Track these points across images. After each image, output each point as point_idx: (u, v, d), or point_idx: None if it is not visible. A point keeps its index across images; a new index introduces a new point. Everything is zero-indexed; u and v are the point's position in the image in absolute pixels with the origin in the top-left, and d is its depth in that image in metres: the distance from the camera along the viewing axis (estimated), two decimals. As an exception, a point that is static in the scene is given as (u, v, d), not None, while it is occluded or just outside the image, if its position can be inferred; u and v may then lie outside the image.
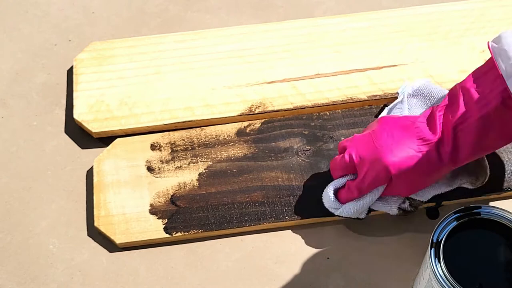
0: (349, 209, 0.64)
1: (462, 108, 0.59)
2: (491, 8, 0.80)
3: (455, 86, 0.62)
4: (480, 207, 0.55)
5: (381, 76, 0.75)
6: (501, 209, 0.55)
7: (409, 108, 0.69)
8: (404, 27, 0.79)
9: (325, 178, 0.68)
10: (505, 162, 0.69)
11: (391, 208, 0.65)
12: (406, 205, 0.65)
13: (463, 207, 0.56)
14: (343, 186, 0.65)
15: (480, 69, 0.60)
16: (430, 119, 0.61)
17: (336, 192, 0.65)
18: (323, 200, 0.65)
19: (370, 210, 0.65)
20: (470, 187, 0.66)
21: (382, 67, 0.76)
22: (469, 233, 0.55)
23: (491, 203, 0.67)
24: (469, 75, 0.61)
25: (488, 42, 0.59)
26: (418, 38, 0.78)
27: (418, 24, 0.79)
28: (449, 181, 0.66)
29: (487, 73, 0.59)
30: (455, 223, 0.55)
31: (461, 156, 0.60)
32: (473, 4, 0.81)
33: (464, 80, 0.61)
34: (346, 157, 0.63)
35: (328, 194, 0.65)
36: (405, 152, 0.60)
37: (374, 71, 0.76)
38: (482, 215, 0.55)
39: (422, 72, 0.75)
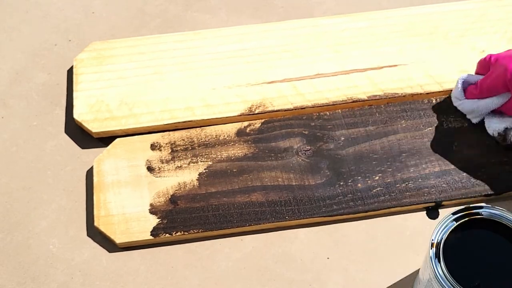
0: (467, 105, 0.70)
1: None
2: (491, 8, 0.80)
3: None
4: (480, 207, 0.55)
5: (381, 76, 0.75)
6: (501, 209, 0.55)
7: None
8: (404, 27, 0.79)
9: (325, 178, 0.69)
10: (506, 162, 0.69)
11: (499, 127, 0.69)
12: (498, 133, 0.69)
13: (463, 207, 0.56)
14: (474, 83, 0.70)
15: None
16: None
17: (466, 87, 0.71)
18: (452, 92, 0.72)
19: (483, 122, 0.70)
20: None
21: (382, 67, 0.76)
22: (469, 233, 0.55)
23: (491, 203, 0.67)
24: None
25: None
26: (418, 38, 0.78)
27: (418, 24, 0.79)
28: None
29: None
30: (455, 223, 0.55)
31: None
32: (473, 4, 0.81)
33: None
34: (487, 57, 0.69)
35: (458, 84, 0.71)
36: None
37: (374, 71, 0.76)
38: (482, 215, 0.55)
39: (422, 72, 0.75)
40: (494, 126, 0.69)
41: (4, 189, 0.70)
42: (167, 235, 0.65)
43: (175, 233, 0.65)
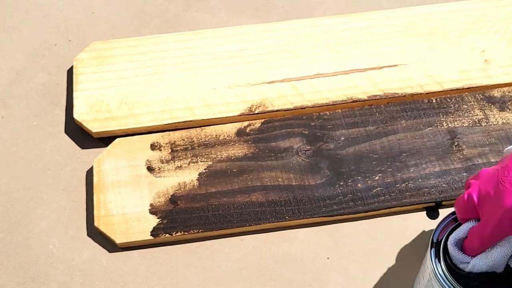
0: (479, 265, 0.52)
1: None
2: (491, 8, 0.80)
3: None
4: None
5: (381, 76, 0.75)
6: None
7: None
8: (404, 27, 0.79)
9: (325, 178, 0.69)
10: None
11: None
12: None
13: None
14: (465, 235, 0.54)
15: None
16: None
17: (462, 242, 0.54)
18: (450, 253, 0.55)
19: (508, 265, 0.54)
20: None
21: (382, 67, 0.76)
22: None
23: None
24: None
25: None
26: (418, 38, 0.78)
27: (418, 24, 0.79)
28: None
29: None
30: (454, 223, 0.55)
31: None
32: (473, 4, 0.81)
33: None
34: (465, 196, 0.53)
35: (452, 248, 0.54)
36: None
37: (374, 71, 0.76)
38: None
39: (422, 72, 0.75)
40: None
41: (4, 189, 0.70)
42: (167, 235, 0.65)
43: (175, 233, 0.65)
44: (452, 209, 0.56)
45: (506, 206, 0.49)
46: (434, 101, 0.74)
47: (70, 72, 0.78)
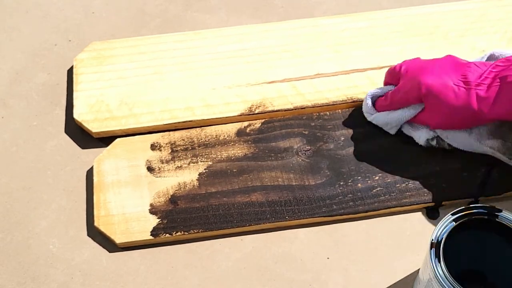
0: (380, 118, 0.69)
1: None
2: (491, 8, 0.80)
3: None
4: (480, 207, 0.56)
5: (381, 76, 0.75)
6: (501, 209, 0.55)
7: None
8: (404, 27, 0.79)
9: (325, 178, 0.69)
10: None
11: (420, 136, 0.68)
12: (434, 142, 0.68)
13: (463, 207, 0.56)
14: (383, 95, 0.70)
15: None
16: (484, 65, 0.63)
17: (375, 100, 0.70)
18: (362, 107, 0.71)
19: (400, 131, 0.70)
20: (501, 157, 0.66)
21: (382, 67, 0.76)
22: (469, 233, 0.55)
23: (491, 203, 0.67)
24: None
25: None
26: (418, 38, 0.78)
27: (418, 24, 0.79)
28: (480, 141, 0.66)
29: None
30: (454, 223, 0.55)
31: (496, 108, 0.61)
32: (473, 4, 0.81)
33: None
34: (397, 66, 0.68)
35: (366, 99, 0.70)
36: (442, 79, 0.63)
37: (374, 71, 0.76)
38: (482, 215, 0.55)
39: (422, 72, 0.75)
40: (415, 135, 0.69)
41: (4, 189, 0.70)
42: (167, 235, 0.65)
43: (175, 233, 0.65)
44: (452, 209, 0.56)
45: (418, 78, 0.64)
46: (434, 101, 0.74)
47: (70, 72, 0.78)
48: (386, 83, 0.71)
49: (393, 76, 0.69)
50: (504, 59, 0.63)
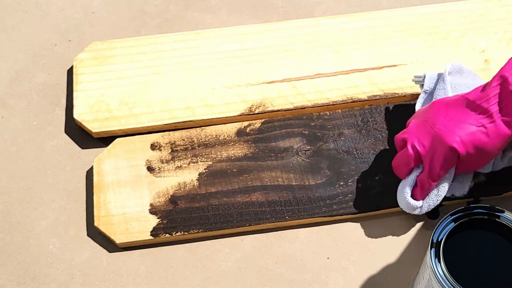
0: (431, 202, 0.64)
1: None
2: (491, 8, 0.80)
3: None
4: (480, 207, 0.55)
5: (381, 76, 0.75)
6: (501, 209, 0.55)
7: (452, 86, 0.68)
8: (404, 27, 0.79)
9: (325, 178, 0.69)
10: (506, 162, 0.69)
11: (463, 187, 0.66)
12: (472, 183, 0.66)
13: (463, 207, 0.56)
14: (415, 184, 0.64)
15: None
16: (484, 91, 0.61)
17: (411, 193, 0.64)
18: (400, 206, 0.65)
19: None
20: None
21: (382, 67, 0.76)
22: (469, 233, 0.55)
23: (491, 203, 0.67)
24: None
25: None
26: (418, 38, 0.78)
27: (418, 24, 0.79)
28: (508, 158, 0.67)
29: None
30: (454, 223, 0.55)
31: None
32: (473, 4, 0.81)
33: None
34: (410, 149, 0.63)
35: (407, 201, 0.64)
36: (466, 130, 0.61)
37: (374, 71, 0.76)
38: (481, 215, 0.55)
39: (422, 72, 0.75)
40: (458, 188, 0.67)
41: (4, 189, 0.70)
42: (167, 235, 0.65)
43: (175, 233, 0.65)
44: (452, 209, 0.56)
45: (447, 145, 0.60)
46: (434, 101, 0.74)
47: (70, 72, 0.78)
48: (405, 173, 0.64)
49: (411, 160, 0.63)
50: (494, 80, 0.61)
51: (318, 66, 0.76)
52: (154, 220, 0.66)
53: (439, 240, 0.54)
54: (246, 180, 0.69)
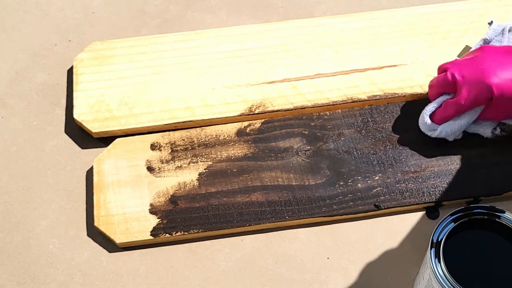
0: (447, 130, 0.67)
1: None
2: (491, 8, 0.80)
3: None
4: (480, 207, 0.55)
5: (381, 76, 0.75)
6: (501, 209, 0.55)
7: (509, 41, 0.70)
8: (404, 27, 0.79)
9: (325, 178, 0.69)
10: (507, 162, 0.69)
11: (485, 131, 0.68)
12: (498, 131, 0.68)
13: (463, 207, 0.56)
14: (439, 107, 0.68)
15: None
16: None
17: (431, 114, 0.68)
18: (419, 125, 0.69)
19: (464, 132, 0.69)
20: None
21: (382, 67, 0.76)
22: (469, 233, 0.55)
23: (491, 203, 0.67)
24: None
25: None
26: (418, 38, 0.78)
27: (418, 24, 0.79)
28: None
29: None
30: (454, 223, 0.55)
31: None
32: (473, 4, 0.81)
33: None
34: (449, 75, 0.66)
35: (424, 119, 0.68)
36: (509, 74, 0.63)
37: (374, 71, 0.76)
38: (481, 215, 0.55)
39: (422, 72, 0.75)
40: (480, 131, 0.69)
41: (4, 189, 0.70)
42: (167, 235, 0.65)
43: (175, 233, 0.65)
44: (452, 209, 0.56)
45: (486, 82, 0.63)
46: (434, 101, 0.74)
47: (70, 72, 0.78)
48: (437, 94, 0.69)
49: (446, 85, 0.67)
50: None
51: (318, 66, 0.76)
52: (154, 220, 0.66)
53: (439, 240, 0.54)
54: (246, 180, 0.69)
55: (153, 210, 0.67)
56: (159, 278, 0.64)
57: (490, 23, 0.72)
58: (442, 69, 0.69)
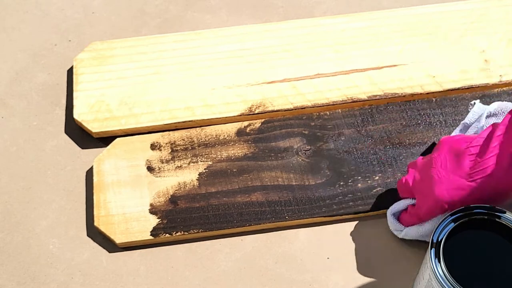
0: (412, 233, 0.64)
1: None
2: (491, 8, 0.80)
3: None
4: (480, 207, 0.55)
5: (381, 76, 0.75)
6: (501, 209, 0.55)
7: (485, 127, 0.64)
8: (404, 27, 0.79)
9: (325, 178, 0.69)
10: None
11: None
12: None
13: (463, 207, 0.56)
14: (405, 208, 0.64)
15: None
16: (487, 141, 0.57)
17: (399, 213, 0.65)
18: (387, 221, 0.66)
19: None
20: None
21: (382, 67, 0.76)
22: (469, 233, 0.55)
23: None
24: None
25: None
26: (418, 38, 0.78)
27: (418, 24, 0.79)
28: None
29: None
30: (454, 223, 0.55)
31: None
32: (473, 4, 0.81)
33: None
34: (404, 181, 0.63)
35: (389, 218, 0.65)
36: (456, 185, 0.57)
37: (374, 71, 0.75)
38: (482, 215, 0.55)
39: (422, 72, 0.75)
40: None
41: (4, 189, 0.70)
42: (167, 235, 0.65)
43: (175, 233, 0.65)
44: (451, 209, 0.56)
45: (435, 196, 0.58)
46: (434, 101, 0.74)
47: (70, 72, 0.78)
48: (403, 197, 0.65)
49: (407, 191, 0.63)
50: (502, 124, 0.57)
51: (318, 66, 0.76)
52: (154, 220, 0.66)
53: (439, 240, 0.54)
54: (246, 180, 0.69)
55: (153, 210, 0.67)
56: (159, 278, 0.64)
57: (473, 105, 0.68)
58: (408, 168, 0.64)
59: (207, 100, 0.74)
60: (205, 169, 0.69)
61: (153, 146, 0.71)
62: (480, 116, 0.66)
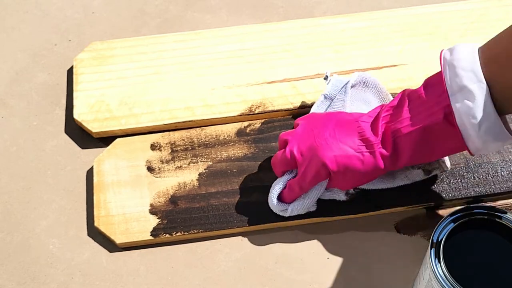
0: (298, 208, 0.64)
1: (405, 114, 0.59)
2: (491, 8, 0.80)
3: (405, 90, 0.61)
4: (480, 207, 0.55)
5: (381, 76, 0.75)
6: (501, 209, 0.55)
7: (352, 100, 0.68)
8: (404, 27, 0.79)
9: (325, 178, 0.69)
10: (506, 162, 0.69)
11: (339, 196, 0.66)
12: (350, 192, 0.66)
13: (463, 207, 0.56)
14: (284, 187, 0.65)
15: (433, 77, 0.59)
16: (375, 119, 0.61)
17: (279, 195, 0.65)
18: (270, 206, 0.65)
19: (318, 199, 0.65)
20: (418, 179, 0.66)
21: (382, 67, 0.76)
22: (469, 233, 0.55)
23: (491, 203, 0.67)
24: (424, 81, 0.60)
25: (441, 51, 0.58)
26: (418, 38, 0.78)
27: (418, 24, 0.79)
28: (393, 178, 0.66)
29: (436, 84, 0.58)
30: (454, 223, 0.55)
31: (399, 162, 0.60)
32: (473, 4, 0.81)
33: (417, 88, 0.60)
34: (287, 153, 0.63)
35: (272, 200, 0.65)
36: (343, 151, 0.60)
37: (374, 71, 0.76)
38: (482, 215, 0.55)
39: (422, 72, 0.75)
40: (334, 197, 0.66)
41: (4, 189, 0.70)
42: (167, 235, 0.65)
43: (175, 233, 0.65)
44: (452, 209, 0.56)
45: (323, 161, 0.60)
46: (434, 101, 0.74)
47: (70, 72, 0.78)
48: (281, 172, 0.65)
49: (287, 163, 0.64)
50: (387, 106, 0.61)
51: (318, 66, 0.76)
52: (154, 220, 0.66)
53: (439, 240, 0.54)
54: (246, 180, 0.69)
55: (153, 210, 0.67)
56: (159, 278, 0.64)
57: (326, 78, 0.69)
58: (283, 141, 0.65)
59: (207, 100, 0.74)
60: (205, 169, 0.69)
61: (153, 146, 0.71)
62: (343, 87, 0.68)
